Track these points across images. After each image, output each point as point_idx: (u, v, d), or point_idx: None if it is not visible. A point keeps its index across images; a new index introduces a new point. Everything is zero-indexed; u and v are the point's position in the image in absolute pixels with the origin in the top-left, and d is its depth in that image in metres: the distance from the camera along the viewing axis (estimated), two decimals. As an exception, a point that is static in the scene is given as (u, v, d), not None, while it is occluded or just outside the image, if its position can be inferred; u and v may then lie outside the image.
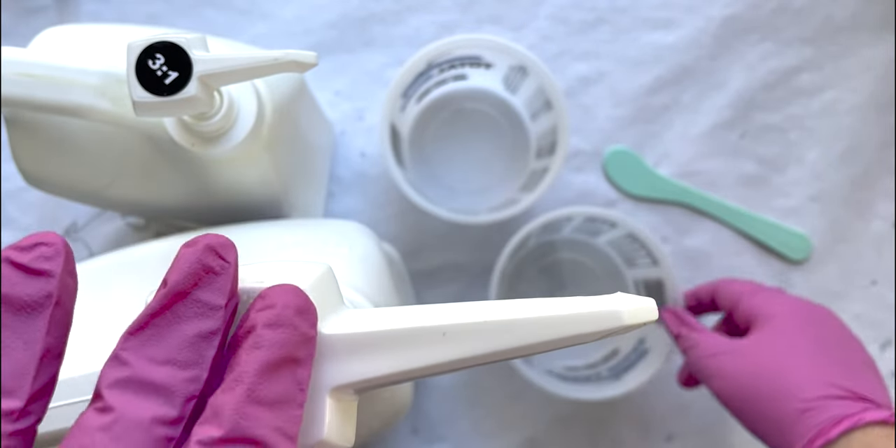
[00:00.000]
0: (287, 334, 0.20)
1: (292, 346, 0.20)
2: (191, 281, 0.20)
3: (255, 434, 0.19)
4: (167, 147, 0.41)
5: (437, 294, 0.59)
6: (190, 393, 0.20)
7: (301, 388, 0.20)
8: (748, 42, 0.60)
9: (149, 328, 0.20)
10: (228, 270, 0.21)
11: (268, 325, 0.20)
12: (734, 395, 0.46)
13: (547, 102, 0.53)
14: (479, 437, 0.58)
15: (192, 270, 0.21)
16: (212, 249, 0.21)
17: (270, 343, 0.20)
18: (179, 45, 0.34)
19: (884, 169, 0.60)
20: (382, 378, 0.22)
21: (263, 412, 0.19)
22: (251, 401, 0.19)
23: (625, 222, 0.53)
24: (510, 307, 0.22)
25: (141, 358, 0.20)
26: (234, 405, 0.19)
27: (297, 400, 0.20)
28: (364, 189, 0.60)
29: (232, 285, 0.21)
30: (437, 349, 0.22)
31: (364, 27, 0.60)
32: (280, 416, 0.19)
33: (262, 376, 0.19)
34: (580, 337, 0.21)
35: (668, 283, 0.54)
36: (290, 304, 0.21)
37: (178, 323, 0.20)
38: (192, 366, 0.20)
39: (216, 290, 0.21)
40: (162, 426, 0.19)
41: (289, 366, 0.20)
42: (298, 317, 0.21)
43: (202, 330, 0.20)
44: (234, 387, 0.19)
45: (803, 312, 0.47)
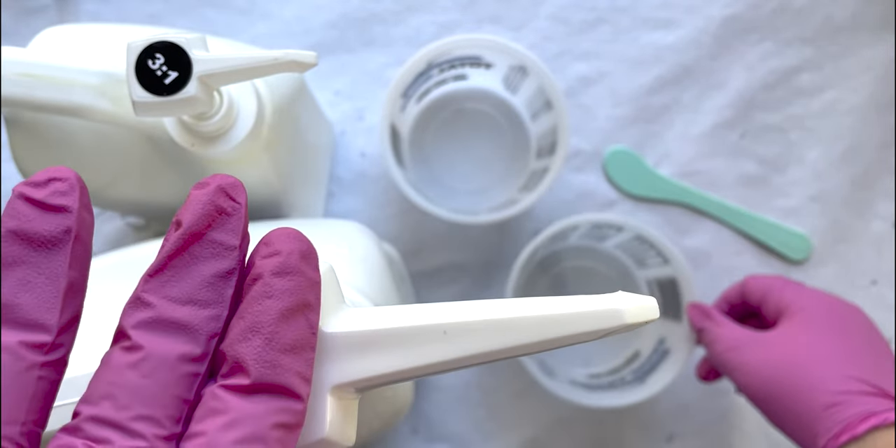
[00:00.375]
0: (296, 281, 0.20)
1: (303, 292, 0.21)
2: (205, 222, 0.21)
3: (282, 381, 0.20)
4: (167, 147, 0.41)
5: (438, 294, 0.59)
6: (212, 330, 0.20)
7: (313, 331, 0.21)
8: (748, 42, 0.60)
9: (168, 270, 0.20)
10: (240, 211, 0.21)
11: (276, 274, 0.20)
12: (759, 388, 0.45)
13: (547, 102, 0.53)
14: (480, 437, 0.58)
15: (206, 211, 0.21)
16: (223, 190, 0.21)
17: (281, 291, 0.20)
18: (179, 45, 0.34)
19: (884, 169, 0.60)
20: (384, 377, 0.22)
21: (286, 358, 0.20)
22: (273, 349, 0.20)
23: (631, 225, 0.53)
24: (511, 306, 0.21)
25: (163, 298, 0.20)
26: (258, 354, 0.20)
27: (310, 343, 0.21)
28: (364, 189, 0.60)
29: (244, 225, 0.21)
30: (438, 348, 0.22)
31: (364, 27, 0.60)
32: (299, 360, 0.20)
33: (279, 324, 0.20)
34: (581, 335, 0.21)
35: (682, 279, 0.54)
36: (295, 250, 0.21)
37: (195, 263, 0.21)
38: (212, 304, 0.20)
39: (230, 231, 0.21)
40: (188, 363, 0.20)
41: (301, 311, 0.21)
42: (304, 262, 0.21)
43: (220, 270, 0.21)
44: (251, 336, 0.20)
45: (832, 307, 0.47)
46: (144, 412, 0.19)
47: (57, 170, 0.20)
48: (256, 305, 0.20)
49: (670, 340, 0.55)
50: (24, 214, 0.20)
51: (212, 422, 0.19)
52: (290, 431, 0.20)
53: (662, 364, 0.54)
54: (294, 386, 0.20)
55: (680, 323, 0.54)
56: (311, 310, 0.21)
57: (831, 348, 0.45)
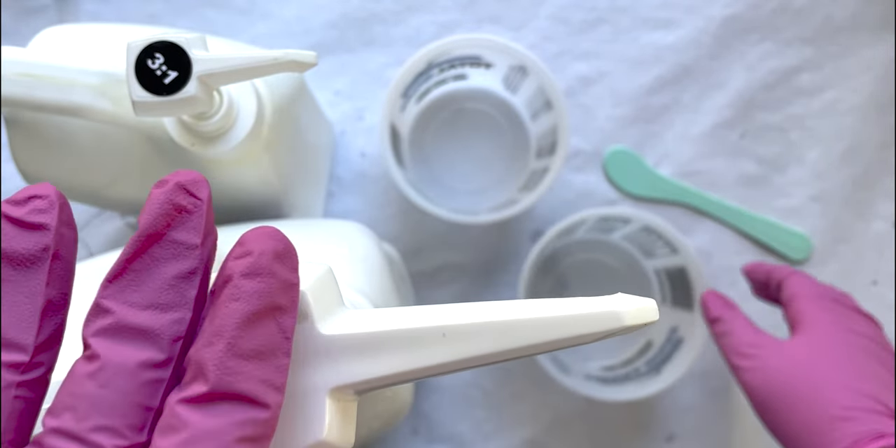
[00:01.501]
0: (266, 283, 0.20)
1: (273, 295, 0.20)
2: (163, 221, 0.20)
3: (241, 388, 0.19)
4: (167, 147, 0.41)
5: (437, 294, 0.59)
6: (175, 334, 0.20)
7: (286, 336, 0.20)
8: (748, 42, 0.60)
9: (127, 274, 0.20)
10: (201, 208, 0.20)
11: (245, 275, 0.20)
12: (766, 392, 0.45)
13: (547, 102, 0.53)
14: (480, 437, 0.58)
15: (164, 211, 0.20)
16: (182, 188, 0.20)
17: (249, 294, 0.19)
18: (179, 45, 0.34)
19: (884, 169, 0.60)
20: (383, 379, 0.22)
21: (247, 365, 0.19)
22: (233, 354, 0.19)
23: (638, 217, 0.54)
24: (511, 308, 0.21)
25: (122, 304, 0.20)
26: (217, 360, 0.19)
27: (282, 348, 0.20)
28: (364, 189, 0.60)
29: (206, 222, 0.20)
30: (437, 350, 0.21)
31: (364, 27, 0.60)
32: (265, 367, 0.19)
33: (242, 329, 0.19)
34: (581, 338, 0.21)
35: (691, 268, 0.54)
36: (268, 250, 0.20)
37: (155, 266, 0.20)
38: (174, 307, 0.20)
39: (190, 229, 0.20)
40: (150, 370, 0.19)
41: (271, 315, 0.20)
42: (277, 263, 0.20)
43: (181, 270, 0.20)
44: (214, 341, 0.19)
45: (852, 322, 0.47)
46: (103, 422, 0.18)
47: (37, 187, 0.20)
48: (223, 308, 0.19)
49: (683, 329, 0.55)
50: (5, 233, 0.20)
51: (168, 441, 0.18)
52: (255, 444, 0.19)
53: (677, 353, 0.54)
54: (257, 394, 0.19)
55: (691, 311, 0.54)
56: (285, 313, 0.20)
57: (848, 363, 0.44)
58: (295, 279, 0.21)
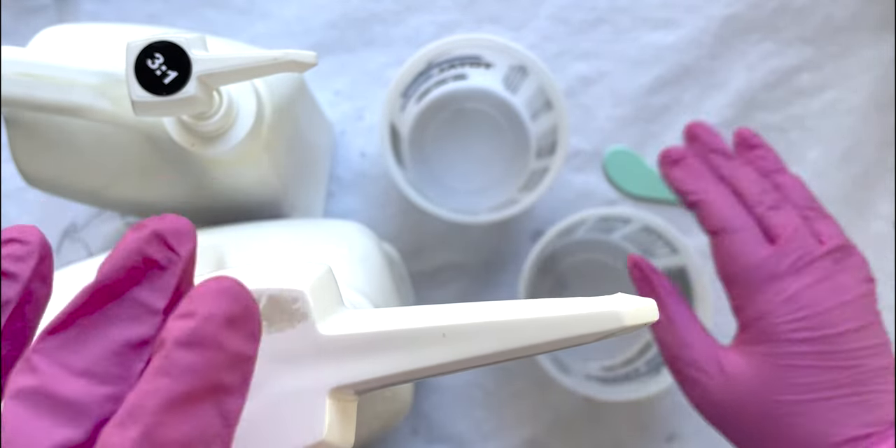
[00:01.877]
0: (206, 357, 0.16)
1: (214, 371, 0.16)
2: (127, 274, 0.17)
3: None
4: (167, 147, 0.41)
5: (437, 294, 0.59)
6: (105, 414, 0.16)
7: (227, 422, 0.16)
8: (749, 42, 0.60)
9: (72, 328, 0.17)
10: (176, 265, 0.17)
11: (181, 344, 0.16)
12: (730, 430, 0.40)
13: (547, 102, 0.53)
14: (480, 437, 0.58)
15: (130, 262, 0.17)
16: (159, 237, 0.17)
17: (182, 369, 0.15)
18: (179, 45, 0.34)
19: (884, 169, 0.60)
20: (382, 379, 0.22)
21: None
22: (150, 444, 0.15)
23: (638, 217, 0.54)
24: (510, 308, 0.21)
25: (54, 364, 0.16)
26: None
27: (220, 438, 0.16)
28: (364, 189, 0.60)
29: (180, 283, 0.17)
30: (437, 350, 0.22)
31: (364, 27, 0.60)
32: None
33: (166, 413, 0.15)
34: (580, 338, 0.21)
35: (691, 268, 0.54)
36: (217, 313, 0.16)
37: (105, 325, 0.17)
38: (113, 380, 0.16)
39: (157, 290, 0.17)
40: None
41: (209, 396, 0.16)
42: (226, 330, 0.16)
43: (132, 337, 0.17)
44: (128, 424, 0.15)
45: (835, 319, 0.40)
46: None
47: (22, 229, 0.18)
48: (145, 385, 0.15)
49: None
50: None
51: None
52: None
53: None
54: None
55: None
56: (229, 394, 0.16)
57: (826, 387, 0.39)
58: (249, 350, 0.17)
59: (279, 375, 0.22)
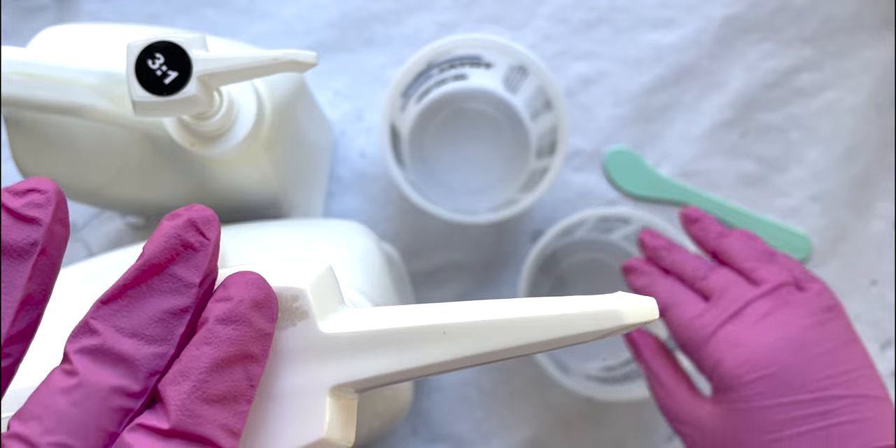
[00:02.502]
0: (240, 331, 0.20)
1: (245, 343, 0.20)
2: (167, 255, 0.20)
3: (201, 432, 0.19)
4: (167, 147, 0.41)
5: (437, 294, 0.59)
6: (154, 368, 0.20)
7: (251, 383, 0.20)
8: (748, 42, 0.60)
9: (122, 299, 0.20)
10: (207, 247, 0.21)
11: (220, 320, 0.20)
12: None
13: (547, 102, 0.53)
14: (480, 437, 0.58)
15: (171, 245, 0.20)
16: (193, 224, 0.21)
17: (221, 340, 0.20)
18: (179, 45, 0.34)
19: (884, 169, 0.60)
20: (383, 377, 0.22)
21: (209, 409, 0.19)
22: (198, 398, 0.19)
23: (638, 217, 0.54)
24: (511, 306, 0.21)
25: (110, 327, 0.20)
26: (181, 401, 0.19)
27: (245, 395, 0.20)
28: (364, 189, 0.60)
29: (209, 262, 0.21)
30: (437, 348, 0.22)
31: (364, 27, 0.60)
32: (226, 412, 0.20)
33: (210, 373, 0.19)
34: (580, 336, 0.21)
35: None
36: (247, 298, 0.20)
37: (150, 296, 0.20)
38: (159, 341, 0.20)
39: (192, 267, 0.20)
40: (121, 397, 0.19)
41: (241, 362, 0.20)
42: (254, 311, 0.20)
43: (174, 306, 0.20)
44: (181, 380, 0.19)
45: (777, 360, 0.40)
46: (63, 440, 0.19)
47: (38, 181, 0.20)
48: (194, 350, 0.20)
49: None
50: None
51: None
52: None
53: (677, 353, 0.54)
54: (214, 437, 0.19)
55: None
56: (254, 361, 0.20)
57: (801, 428, 0.39)
58: (270, 329, 0.21)
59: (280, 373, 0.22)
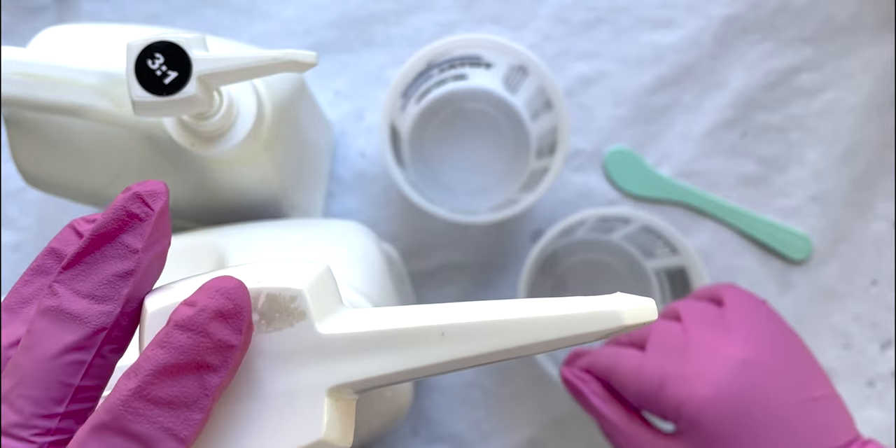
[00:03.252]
0: (194, 340, 0.21)
1: (199, 352, 0.21)
2: (115, 225, 0.22)
3: (136, 429, 0.20)
4: (167, 147, 0.41)
5: (437, 294, 0.59)
6: (101, 324, 0.22)
7: (206, 393, 0.21)
8: (748, 42, 0.60)
9: (80, 265, 0.22)
10: (151, 217, 0.22)
11: (178, 326, 0.21)
12: None
13: (547, 102, 0.53)
14: (479, 437, 0.58)
15: (118, 216, 0.22)
16: (139, 197, 0.22)
17: (174, 345, 0.21)
18: (179, 45, 0.34)
19: (884, 169, 0.60)
20: (381, 378, 0.22)
21: (153, 410, 0.20)
22: (140, 397, 0.20)
23: (638, 217, 0.54)
24: (509, 307, 0.21)
25: (68, 290, 0.22)
26: (124, 397, 0.20)
27: (198, 404, 0.21)
28: (364, 189, 0.60)
29: (154, 230, 0.22)
30: (435, 349, 0.22)
31: (364, 27, 0.60)
32: (173, 416, 0.20)
33: (157, 376, 0.20)
34: (580, 337, 0.21)
35: (691, 268, 0.54)
36: (210, 307, 0.21)
37: (103, 262, 0.22)
38: (106, 301, 0.22)
39: (137, 235, 0.22)
40: (73, 352, 0.21)
41: (194, 370, 0.21)
42: (215, 322, 0.21)
43: (120, 270, 0.22)
44: (131, 376, 0.20)
45: (735, 390, 0.40)
46: (28, 392, 0.21)
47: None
48: (149, 351, 0.21)
49: None
50: (66, 239, 0.23)
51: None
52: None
53: None
54: (153, 439, 0.20)
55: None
56: (211, 372, 0.21)
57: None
58: (234, 341, 0.21)
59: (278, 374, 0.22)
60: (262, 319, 0.22)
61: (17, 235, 0.59)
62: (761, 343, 0.42)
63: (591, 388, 0.45)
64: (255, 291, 0.22)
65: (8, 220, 0.59)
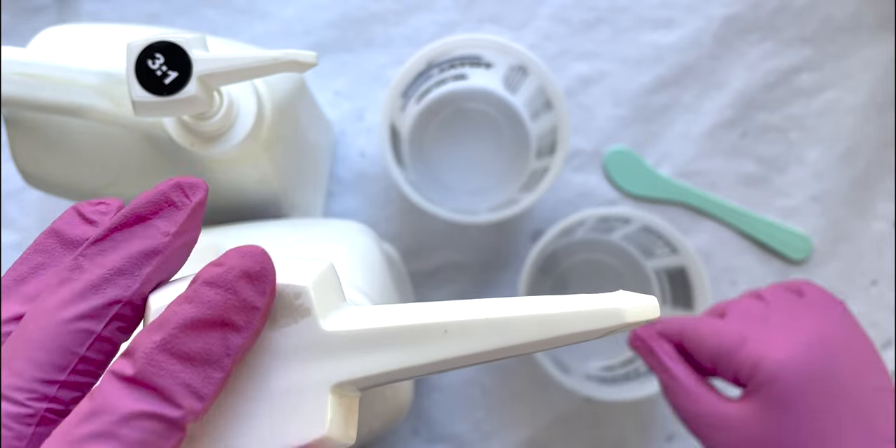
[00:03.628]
0: (223, 296, 0.21)
1: (227, 310, 0.21)
2: (152, 208, 0.23)
3: (158, 383, 0.20)
4: (167, 147, 0.41)
5: (437, 294, 0.59)
6: (116, 297, 0.22)
7: (228, 353, 0.21)
8: (748, 42, 0.60)
9: (107, 240, 0.22)
10: (187, 206, 0.23)
11: (206, 282, 0.21)
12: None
13: (547, 102, 0.53)
14: (480, 437, 0.58)
15: (157, 199, 0.23)
16: (179, 187, 0.23)
17: (202, 301, 0.21)
18: (179, 45, 0.34)
19: (884, 169, 0.60)
20: (384, 375, 0.22)
21: (175, 364, 0.20)
22: (164, 350, 0.20)
23: (638, 217, 0.54)
24: (512, 305, 0.21)
25: (94, 265, 0.22)
26: (149, 350, 0.20)
27: (220, 363, 0.21)
28: (364, 189, 0.60)
29: (188, 220, 0.23)
30: (438, 346, 0.22)
31: (364, 27, 0.60)
32: (194, 372, 0.20)
33: (183, 329, 0.20)
34: (582, 335, 0.21)
35: (691, 268, 0.54)
36: (238, 267, 0.21)
37: (131, 239, 0.22)
38: (126, 275, 0.22)
39: (171, 221, 0.23)
40: (84, 320, 0.21)
41: (219, 328, 0.21)
42: (243, 281, 0.21)
43: (146, 248, 0.22)
44: (155, 331, 0.20)
45: (813, 359, 0.40)
46: (32, 354, 0.21)
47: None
48: (175, 306, 0.21)
49: None
50: (70, 221, 0.24)
51: (83, 404, 0.20)
52: (157, 438, 0.19)
53: None
54: (173, 393, 0.20)
55: (692, 311, 0.54)
56: (236, 332, 0.21)
57: (829, 430, 0.39)
58: (258, 303, 0.21)
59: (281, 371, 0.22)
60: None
61: (17, 235, 0.59)
62: (839, 327, 0.42)
63: (664, 348, 0.46)
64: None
65: (8, 220, 0.59)
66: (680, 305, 0.56)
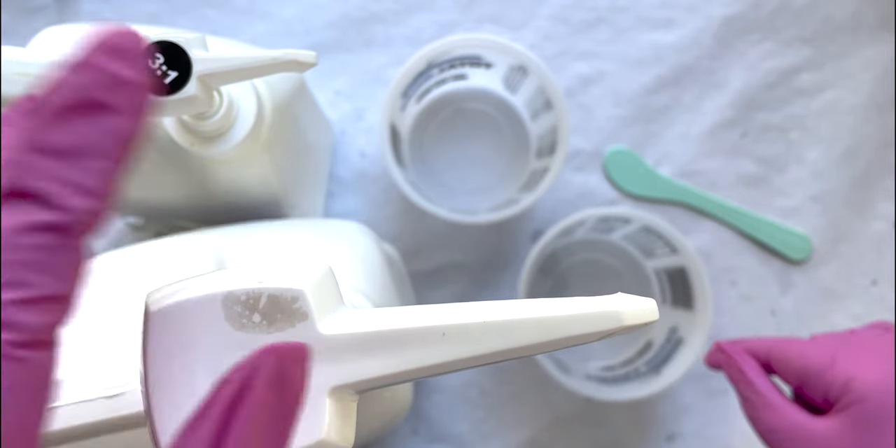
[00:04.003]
0: (81, 76, 0.18)
1: (88, 89, 0.18)
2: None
3: (30, 186, 0.17)
4: (167, 147, 0.41)
5: (437, 294, 0.59)
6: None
7: (108, 136, 0.18)
8: (748, 42, 0.60)
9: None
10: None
11: (63, 67, 0.18)
12: None
13: (547, 102, 0.53)
14: (479, 437, 0.58)
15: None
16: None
17: (59, 86, 0.18)
18: (179, 45, 0.34)
19: (884, 169, 0.60)
20: (382, 378, 0.22)
21: (47, 162, 0.17)
22: (28, 148, 0.17)
23: (638, 217, 0.54)
24: (510, 307, 0.21)
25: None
26: (9, 155, 0.17)
27: (99, 149, 0.18)
28: (364, 189, 0.60)
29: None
30: (436, 349, 0.22)
31: (364, 27, 0.60)
32: (71, 166, 0.17)
33: (46, 122, 0.18)
34: (580, 337, 0.21)
35: (691, 268, 0.54)
36: (93, 42, 0.18)
37: None
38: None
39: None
40: None
41: (87, 112, 0.18)
42: (103, 55, 0.18)
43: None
44: (17, 135, 0.18)
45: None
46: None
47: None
48: (38, 98, 0.18)
49: (683, 329, 0.55)
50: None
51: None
52: (48, 254, 0.17)
53: (676, 353, 0.54)
54: (51, 193, 0.17)
55: (691, 311, 0.54)
56: (111, 113, 0.18)
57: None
58: (132, 76, 0.18)
59: None
60: (264, 320, 0.22)
61: (17, 235, 0.59)
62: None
63: (750, 363, 0.45)
64: (257, 292, 0.22)
65: (8, 220, 0.59)
66: (679, 305, 0.56)
